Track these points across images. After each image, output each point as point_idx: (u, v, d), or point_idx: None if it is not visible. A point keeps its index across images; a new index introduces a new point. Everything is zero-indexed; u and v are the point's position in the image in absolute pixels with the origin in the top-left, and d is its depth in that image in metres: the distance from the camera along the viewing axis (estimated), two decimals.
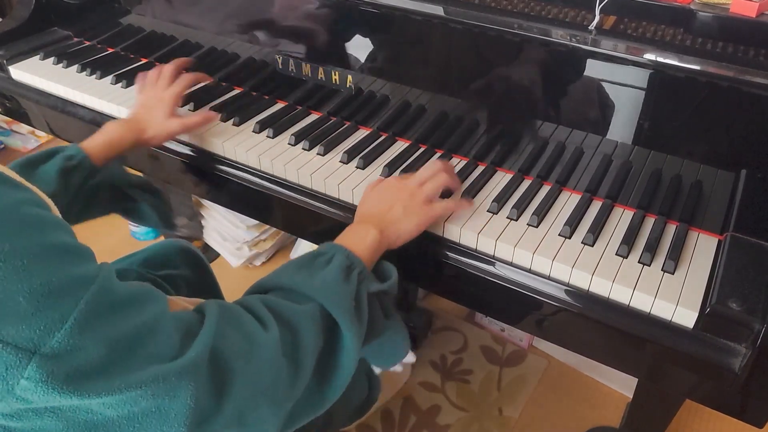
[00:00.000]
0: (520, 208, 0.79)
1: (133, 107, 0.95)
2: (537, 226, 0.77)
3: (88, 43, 1.28)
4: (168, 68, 0.98)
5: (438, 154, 0.92)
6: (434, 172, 0.79)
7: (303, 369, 0.57)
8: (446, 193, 0.82)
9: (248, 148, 0.93)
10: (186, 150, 0.98)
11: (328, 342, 0.61)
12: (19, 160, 0.77)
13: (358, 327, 0.62)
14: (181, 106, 1.05)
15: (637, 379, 1.16)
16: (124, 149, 0.86)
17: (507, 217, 0.79)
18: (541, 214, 0.78)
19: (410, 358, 0.86)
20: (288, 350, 0.56)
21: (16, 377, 0.40)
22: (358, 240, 0.69)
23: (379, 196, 0.77)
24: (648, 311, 0.68)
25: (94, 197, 0.83)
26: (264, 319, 0.57)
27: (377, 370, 0.95)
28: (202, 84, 1.12)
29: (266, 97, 1.07)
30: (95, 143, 0.84)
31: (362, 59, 0.96)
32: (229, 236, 1.69)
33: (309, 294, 0.61)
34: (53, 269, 0.42)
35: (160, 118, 0.90)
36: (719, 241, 0.74)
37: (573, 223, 0.76)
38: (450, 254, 0.77)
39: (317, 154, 0.92)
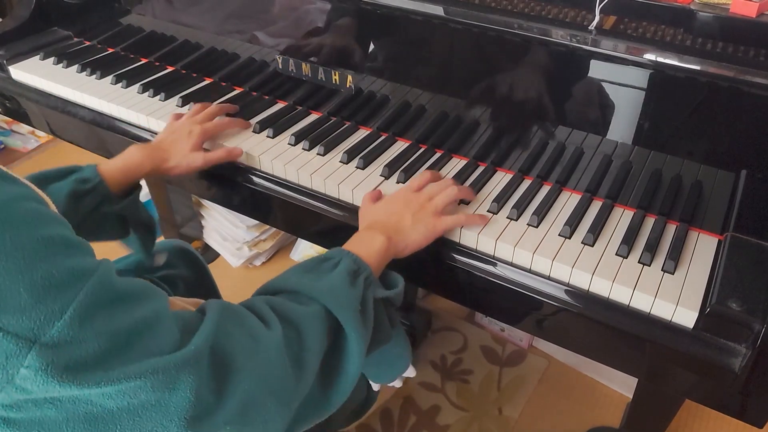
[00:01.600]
0: (520, 208, 0.79)
1: (161, 133, 0.93)
2: (537, 226, 0.77)
3: (88, 43, 1.28)
4: (214, 106, 0.97)
5: (438, 155, 0.92)
6: (446, 185, 0.78)
7: (307, 369, 0.57)
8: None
9: (248, 148, 0.93)
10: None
11: (333, 345, 0.61)
12: (33, 174, 0.76)
13: (364, 331, 0.61)
14: (181, 107, 1.05)
15: (637, 379, 1.16)
16: (142, 175, 0.84)
17: (507, 217, 0.79)
18: (541, 214, 0.78)
19: (410, 372, 0.85)
20: (292, 350, 0.56)
21: (16, 366, 0.41)
22: (366, 246, 0.69)
23: (388, 205, 0.77)
24: (648, 311, 0.68)
25: (103, 223, 0.81)
26: (267, 318, 0.57)
27: (375, 387, 0.95)
28: (203, 84, 1.12)
29: (266, 97, 1.07)
30: (112, 167, 0.81)
31: (362, 59, 0.96)
32: (229, 236, 1.69)
33: (314, 296, 0.60)
34: (53, 261, 0.43)
35: (185, 150, 0.88)
36: (719, 241, 0.74)
37: (573, 223, 0.76)
38: (450, 254, 0.77)
39: (317, 154, 0.92)
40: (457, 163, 0.90)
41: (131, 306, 0.47)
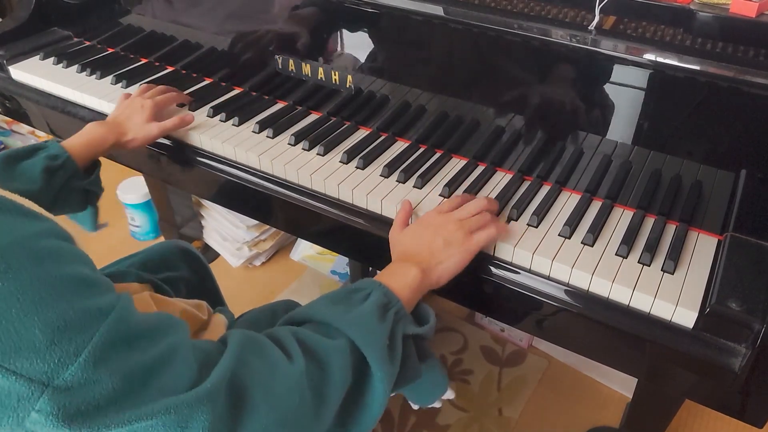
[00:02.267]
0: (520, 208, 0.79)
1: (114, 110, 0.97)
2: (537, 226, 0.77)
3: (88, 43, 1.28)
4: (160, 87, 1.01)
5: (438, 155, 0.92)
6: (480, 207, 0.75)
7: (328, 404, 0.55)
8: None
9: (248, 148, 0.93)
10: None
11: (357, 380, 0.59)
12: (2, 153, 0.78)
13: (390, 367, 0.59)
14: (181, 107, 1.05)
15: (637, 379, 1.16)
16: (104, 150, 0.88)
17: (507, 218, 0.79)
18: (540, 214, 0.78)
19: (449, 394, 0.85)
20: (314, 383, 0.54)
21: (27, 409, 0.40)
22: (398, 279, 0.66)
23: (419, 234, 0.73)
24: (648, 311, 0.68)
25: (71, 196, 0.84)
26: (290, 350, 0.55)
27: (415, 406, 0.95)
28: (203, 84, 1.12)
29: (266, 97, 1.07)
30: (77, 143, 0.85)
31: (362, 59, 0.96)
32: (229, 236, 1.69)
33: (342, 329, 0.58)
34: (69, 302, 0.42)
35: (139, 122, 0.92)
36: (719, 241, 0.74)
37: (573, 223, 0.76)
38: None
39: (317, 154, 0.92)
40: (457, 163, 0.90)
41: (148, 343, 0.46)
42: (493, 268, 0.75)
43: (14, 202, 0.46)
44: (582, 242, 0.74)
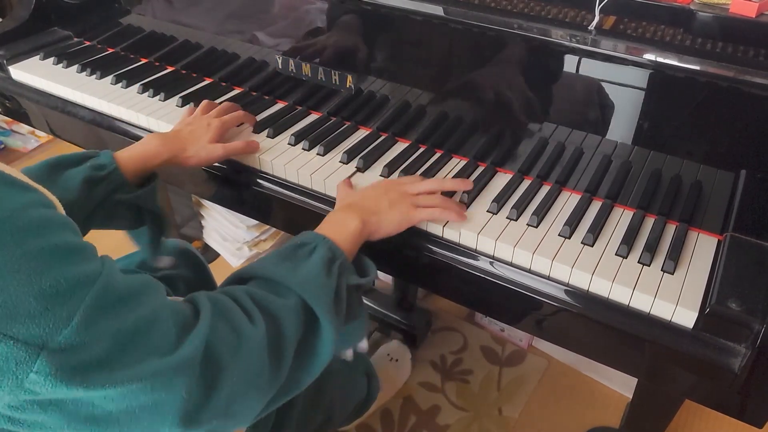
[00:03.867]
0: (520, 208, 0.79)
1: (177, 124, 0.93)
2: (537, 226, 0.77)
3: (88, 43, 1.28)
4: (226, 104, 0.97)
5: (438, 155, 0.92)
6: (433, 188, 0.79)
7: (285, 360, 0.59)
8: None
9: None
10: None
11: (307, 332, 0.63)
12: (50, 159, 0.75)
13: (336, 319, 0.63)
14: (180, 107, 1.05)
15: (637, 379, 1.16)
16: (157, 164, 0.83)
17: (507, 217, 0.79)
18: (540, 214, 0.78)
19: (364, 345, 0.87)
20: (272, 343, 0.58)
21: (26, 371, 0.42)
22: (341, 229, 0.70)
23: (367, 190, 0.79)
24: (648, 311, 0.68)
25: (117, 211, 0.80)
26: (251, 313, 0.58)
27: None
28: (203, 84, 1.12)
29: (266, 97, 1.07)
30: (129, 155, 0.81)
31: (362, 59, 0.96)
32: (229, 236, 1.69)
33: (292, 287, 0.62)
34: (60, 270, 0.45)
35: (203, 140, 0.87)
36: (719, 241, 0.74)
37: (573, 223, 0.76)
38: (450, 254, 0.77)
39: (317, 154, 0.92)
40: (457, 163, 0.90)
41: (133, 305, 0.49)
42: (493, 268, 0.75)
43: (1, 172, 0.47)
44: (582, 242, 0.74)
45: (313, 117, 1.02)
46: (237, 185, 0.94)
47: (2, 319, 0.41)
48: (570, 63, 0.80)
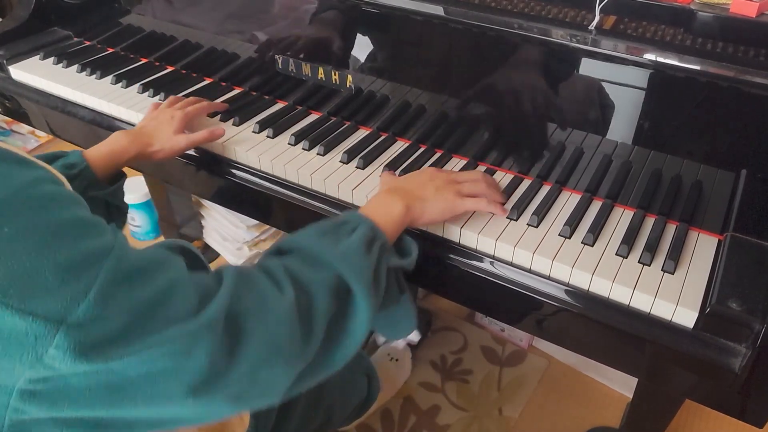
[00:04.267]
0: (520, 208, 0.79)
1: (142, 119, 0.94)
2: (537, 226, 0.77)
3: (88, 43, 1.28)
4: (191, 98, 0.99)
5: (438, 155, 0.92)
6: (476, 179, 0.79)
7: (315, 332, 0.58)
8: None
9: (248, 148, 0.93)
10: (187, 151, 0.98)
11: (342, 308, 0.62)
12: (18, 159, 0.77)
13: (374, 299, 0.62)
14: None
15: (637, 379, 1.16)
16: (126, 160, 0.86)
17: (507, 217, 0.79)
18: (541, 214, 0.78)
19: (415, 336, 0.86)
20: (302, 314, 0.57)
21: (45, 346, 0.42)
22: (384, 212, 0.70)
23: (413, 176, 0.78)
24: (648, 311, 0.68)
25: (90, 209, 0.82)
26: (281, 283, 0.58)
27: (381, 340, 0.95)
28: (203, 84, 1.12)
29: (266, 97, 1.07)
30: (98, 152, 0.83)
31: (362, 59, 0.96)
32: (229, 236, 1.69)
33: (330, 261, 0.61)
34: (74, 243, 0.45)
35: (167, 133, 0.89)
36: (719, 241, 0.74)
37: (573, 223, 0.76)
38: (450, 254, 0.77)
39: (317, 154, 0.92)
40: (457, 163, 0.90)
41: (149, 277, 0.48)
42: (493, 268, 0.75)
43: (8, 150, 0.48)
44: (582, 242, 0.74)
45: (313, 117, 1.02)
46: (237, 185, 0.94)
47: (20, 295, 0.42)
48: (570, 63, 0.80)
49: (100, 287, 0.44)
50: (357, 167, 0.89)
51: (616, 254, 0.73)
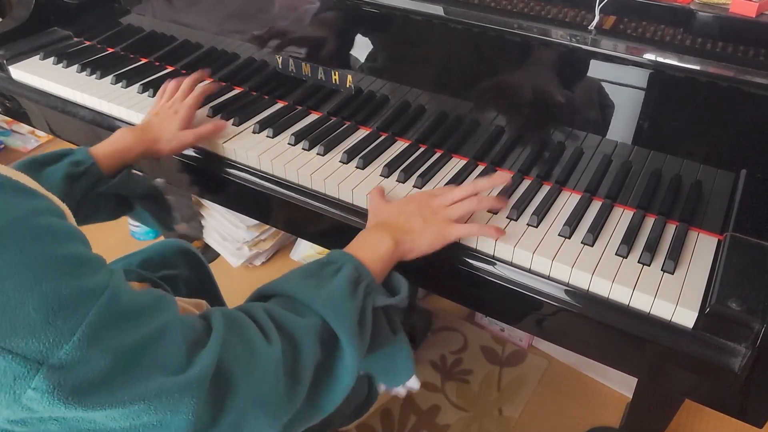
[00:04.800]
0: (520, 208, 0.79)
1: (146, 116, 0.94)
2: (537, 226, 0.77)
3: (88, 43, 1.28)
4: (187, 82, 0.98)
5: (438, 155, 0.92)
6: (467, 194, 0.75)
7: (301, 383, 0.57)
8: None
9: (248, 148, 0.93)
10: (186, 150, 0.98)
11: (328, 355, 0.60)
12: (25, 160, 0.76)
13: (360, 343, 0.60)
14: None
15: (637, 379, 1.16)
16: (133, 158, 0.85)
17: (507, 217, 0.79)
18: (540, 214, 0.78)
19: (414, 382, 0.84)
20: (288, 364, 0.56)
21: (24, 387, 0.40)
22: (371, 249, 0.68)
23: (401, 206, 0.75)
24: (648, 311, 0.68)
25: (99, 204, 0.82)
26: (267, 331, 0.56)
27: (380, 388, 0.94)
28: (203, 84, 1.12)
29: (266, 97, 1.07)
30: (104, 150, 0.82)
31: (362, 59, 0.96)
32: (229, 236, 1.69)
33: (313, 307, 0.59)
34: (64, 282, 0.42)
35: (173, 128, 0.89)
36: (719, 241, 0.74)
37: (573, 223, 0.76)
38: (450, 254, 0.77)
39: (317, 154, 0.92)
40: (457, 163, 0.90)
41: (139, 322, 0.46)
42: (493, 268, 0.75)
43: (9, 178, 0.46)
44: (582, 242, 0.74)
45: (313, 117, 1.02)
46: (237, 185, 0.94)
47: (2, 332, 0.40)
48: (570, 63, 0.80)
49: (86, 329, 0.42)
50: (357, 167, 0.89)
51: (616, 254, 0.73)
